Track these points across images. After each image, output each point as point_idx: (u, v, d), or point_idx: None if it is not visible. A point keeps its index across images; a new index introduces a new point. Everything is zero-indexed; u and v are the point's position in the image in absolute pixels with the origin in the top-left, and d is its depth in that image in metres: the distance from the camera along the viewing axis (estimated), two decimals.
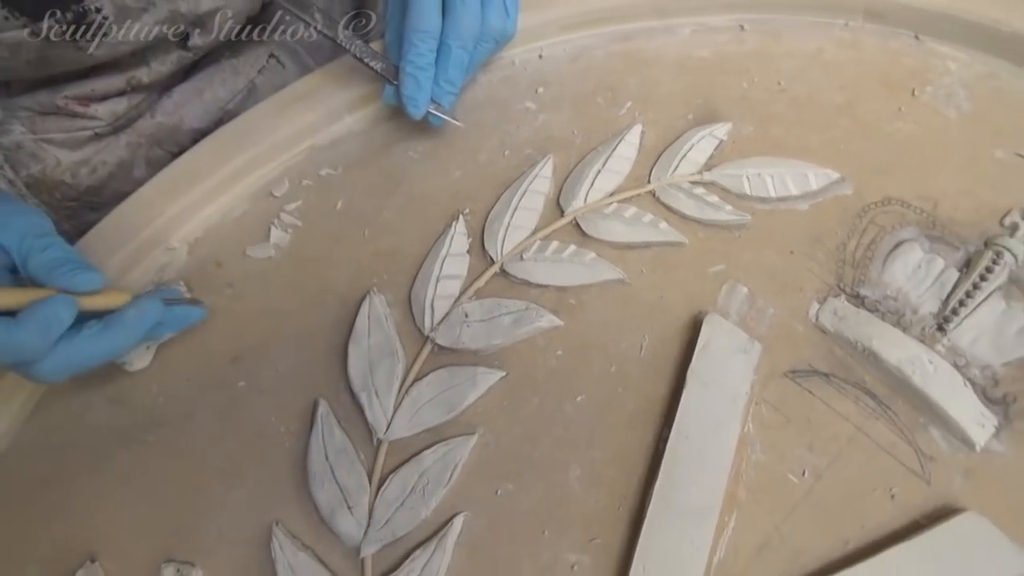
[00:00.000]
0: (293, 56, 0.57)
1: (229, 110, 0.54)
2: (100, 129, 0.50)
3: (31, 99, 0.48)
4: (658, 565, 0.37)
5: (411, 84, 0.44)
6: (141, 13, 0.43)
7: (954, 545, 0.36)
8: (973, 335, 0.41)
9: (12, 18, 0.39)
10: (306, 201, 0.48)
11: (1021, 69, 0.48)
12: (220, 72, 0.53)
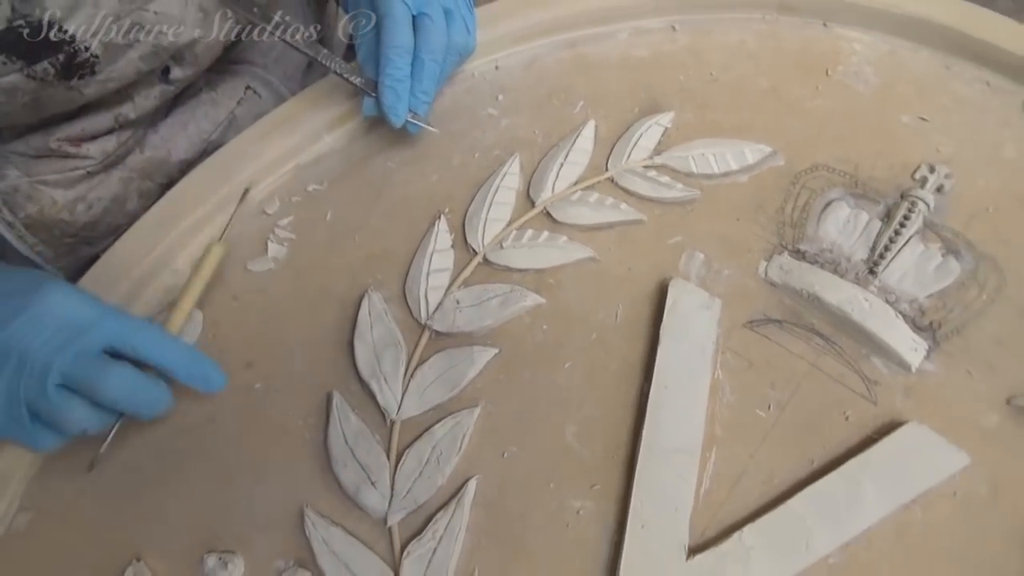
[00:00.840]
0: (268, 86, 0.60)
1: (212, 140, 0.57)
2: (92, 167, 0.53)
3: (24, 144, 0.50)
4: (653, 501, 0.42)
5: (391, 95, 0.48)
6: (127, 49, 0.46)
7: (901, 451, 0.42)
8: (899, 274, 0.47)
9: (9, 63, 0.42)
10: (297, 216, 0.52)
11: (916, 45, 0.55)
12: (201, 105, 0.57)
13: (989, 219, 0.49)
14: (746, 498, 0.42)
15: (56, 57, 0.43)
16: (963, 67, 0.54)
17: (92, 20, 0.43)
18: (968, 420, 0.43)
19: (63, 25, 0.42)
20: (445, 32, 0.49)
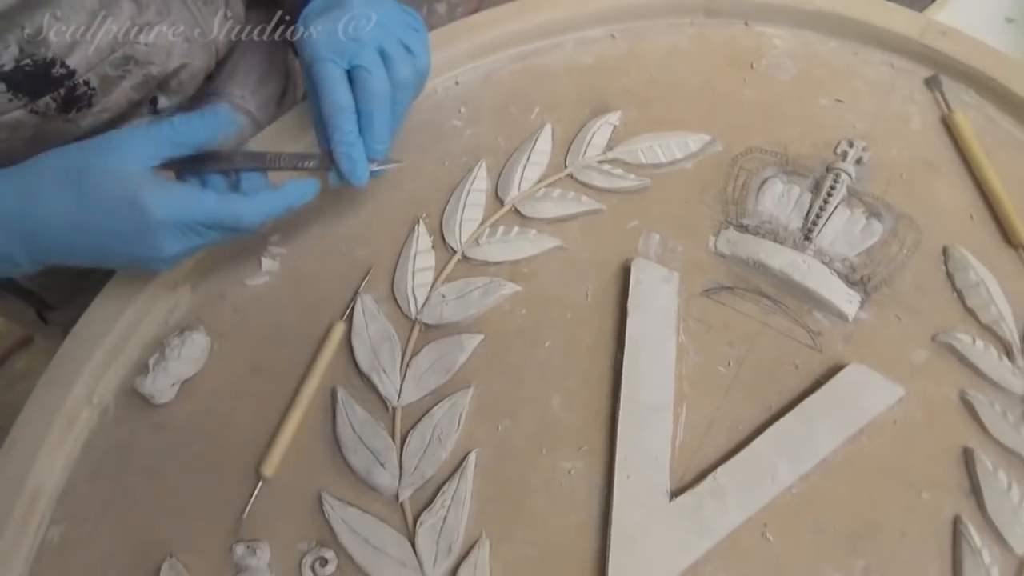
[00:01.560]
0: (246, 115, 0.63)
1: None
2: None
3: None
4: (635, 454, 0.47)
5: (347, 162, 0.48)
6: (120, 80, 0.50)
7: (846, 390, 0.48)
8: (831, 238, 0.53)
9: (15, 99, 0.45)
10: (286, 232, 0.56)
11: (826, 36, 0.62)
12: None
13: (903, 183, 0.55)
14: (716, 444, 0.48)
15: (57, 92, 0.46)
16: (869, 53, 0.61)
17: (91, 55, 0.46)
18: (900, 358, 0.49)
19: (64, 61, 0.45)
20: (385, 78, 0.48)
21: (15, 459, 0.47)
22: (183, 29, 0.52)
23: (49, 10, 0.44)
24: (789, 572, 0.44)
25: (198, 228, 0.42)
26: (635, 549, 0.44)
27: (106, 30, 0.46)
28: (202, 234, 0.43)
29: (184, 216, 0.41)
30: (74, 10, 0.44)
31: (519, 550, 0.45)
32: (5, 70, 0.43)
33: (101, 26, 0.46)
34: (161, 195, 0.41)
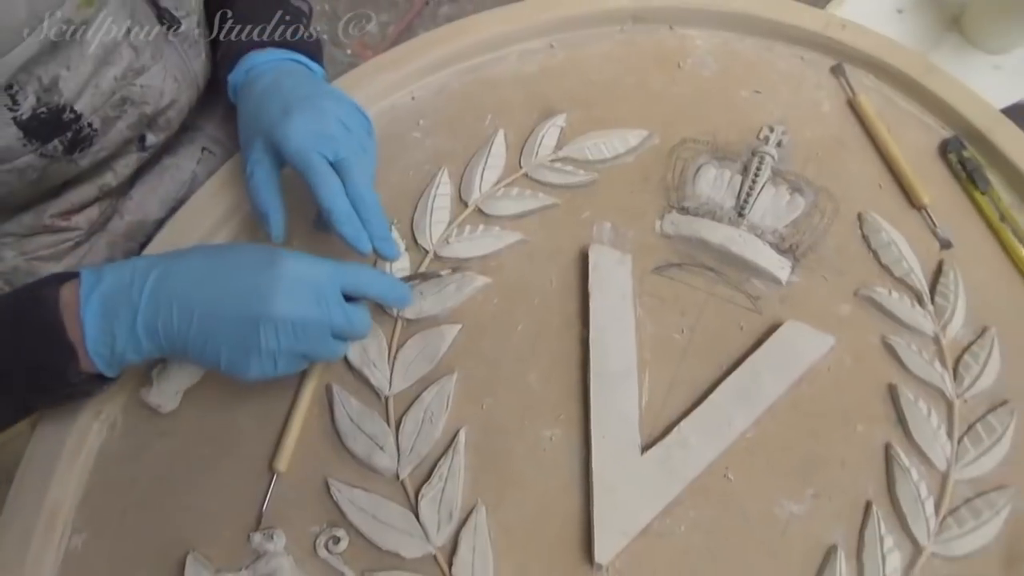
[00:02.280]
0: (220, 144, 0.67)
1: (180, 198, 0.63)
2: (80, 237, 0.59)
3: (16, 224, 0.55)
4: (607, 416, 0.52)
5: (388, 248, 0.51)
6: (116, 120, 0.53)
7: (785, 344, 0.55)
8: (761, 213, 0.60)
9: (29, 144, 0.48)
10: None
11: (742, 35, 0.69)
12: (166, 170, 0.63)
13: (819, 160, 0.63)
14: (677, 402, 0.54)
15: (65, 135, 0.49)
16: (781, 47, 0.69)
17: (95, 98, 0.50)
18: (829, 312, 0.56)
19: (73, 106, 0.49)
20: (366, 167, 0.53)
21: (33, 475, 0.50)
22: (173, 70, 0.56)
23: (62, 61, 0.47)
24: (749, 506, 0.50)
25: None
26: (615, 499, 0.50)
27: (110, 75, 0.50)
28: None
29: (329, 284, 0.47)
30: (83, 59, 0.48)
31: (512, 511, 0.50)
32: (23, 119, 0.46)
33: (106, 72, 0.50)
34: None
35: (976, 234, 0.60)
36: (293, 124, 0.50)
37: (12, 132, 0.46)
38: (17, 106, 0.45)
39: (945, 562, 0.49)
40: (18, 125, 0.46)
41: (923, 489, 0.50)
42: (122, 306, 0.44)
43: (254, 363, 0.45)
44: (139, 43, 0.51)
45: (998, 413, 0.53)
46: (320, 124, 0.51)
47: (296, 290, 0.45)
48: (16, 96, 0.45)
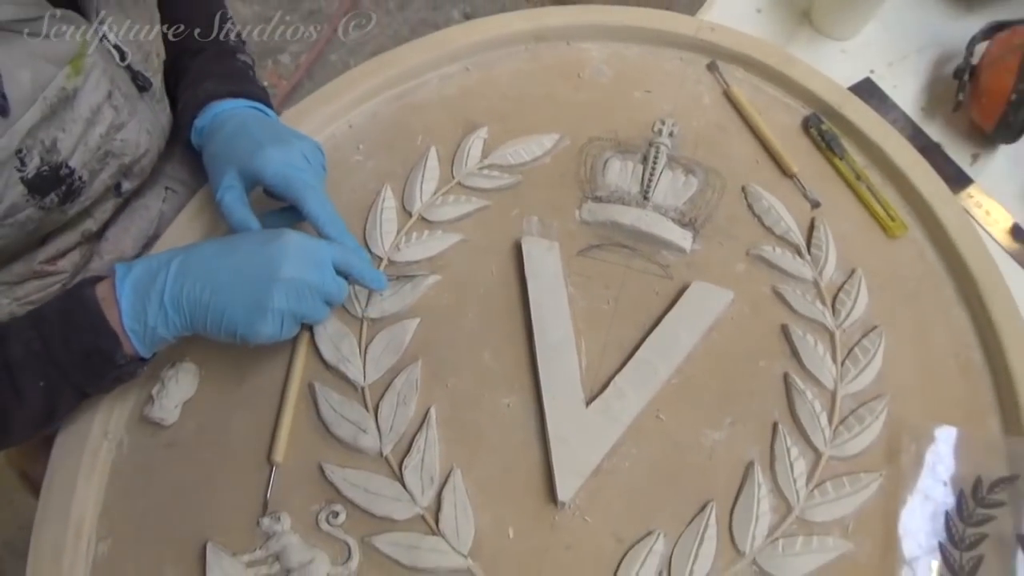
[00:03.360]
0: (182, 183, 0.72)
1: (151, 235, 0.69)
2: (65, 280, 0.64)
3: (8, 273, 0.60)
4: (554, 380, 0.61)
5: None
6: (100, 172, 0.58)
7: (694, 302, 0.64)
8: (662, 195, 0.70)
9: (32, 200, 0.53)
10: None
11: (629, 44, 0.79)
12: (136, 211, 0.68)
13: (705, 144, 0.73)
14: (611, 361, 0.63)
15: (60, 188, 0.55)
16: (663, 52, 0.79)
17: (84, 154, 0.55)
18: (727, 271, 0.67)
19: (68, 163, 0.54)
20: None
21: (56, 495, 0.56)
22: (146, 123, 0.62)
23: (59, 124, 0.53)
24: (680, 438, 0.60)
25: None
26: (569, 447, 0.58)
27: (96, 133, 0.56)
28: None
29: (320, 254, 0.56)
30: (75, 121, 0.54)
31: (484, 470, 0.58)
32: (29, 177, 0.52)
33: (93, 131, 0.56)
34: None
35: (838, 193, 0.71)
36: (268, 155, 0.59)
37: (19, 190, 0.52)
38: (24, 167, 0.51)
39: (841, 462, 0.59)
40: (24, 184, 0.52)
41: (817, 406, 0.61)
42: (151, 286, 0.52)
43: (268, 321, 0.53)
44: (118, 103, 0.57)
45: (870, 337, 0.64)
46: (289, 156, 0.60)
47: (302, 257, 0.54)
48: (24, 158, 0.51)
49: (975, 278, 0.66)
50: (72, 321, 0.52)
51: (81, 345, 0.52)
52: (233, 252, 0.55)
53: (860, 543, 0.56)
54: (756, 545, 0.56)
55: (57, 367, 0.52)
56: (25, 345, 0.51)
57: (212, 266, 0.54)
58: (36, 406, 0.52)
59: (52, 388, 0.52)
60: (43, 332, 0.52)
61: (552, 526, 0.57)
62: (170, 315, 0.53)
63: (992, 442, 0.60)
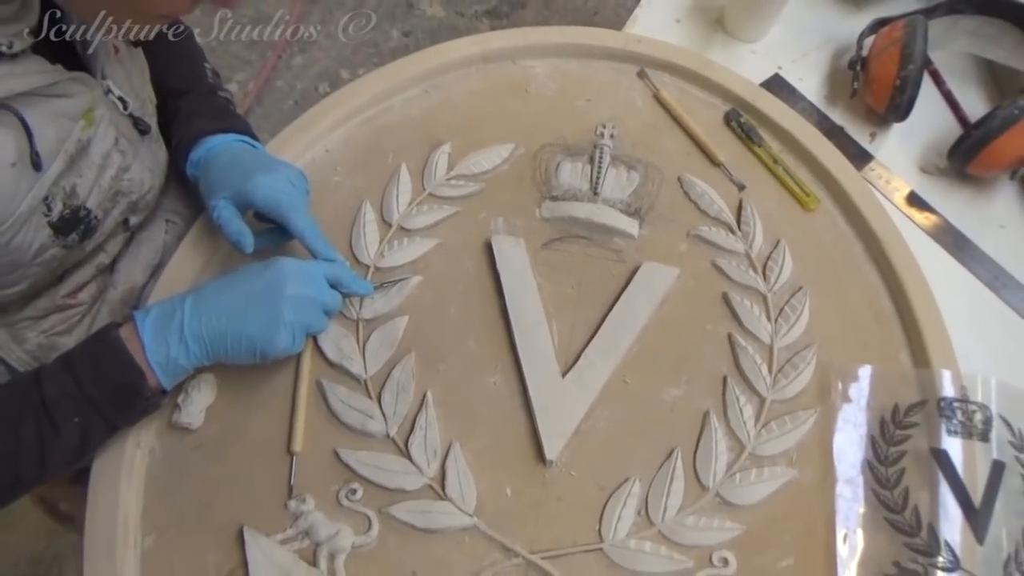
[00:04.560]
0: (179, 215, 0.78)
1: (157, 264, 0.75)
2: (84, 311, 0.69)
3: (32, 308, 0.65)
4: (532, 357, 0.69)
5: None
6: (112, 210, 0.64)
7: (645, 280, 0.73)
8: (609, 189, 0.79)
9: (56, 240, 0.59)
10: None
11: (568, 59, 0.88)
12: (142, 244, 0.74)
13: (643, 142, 0.82)
14: (579, 337, 0.71)
15: (79, 228, 0.61)
16: (598, 64, 0.88)
17: (98, 196, 0.61)
18: (672, 251, 0.76)
19: (85, 204, 0.60)
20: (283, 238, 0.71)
21: (102, 500, 0.62)
22: (148, 163, 0.68)
23: (76, 171, 0.59)
24: (644, 398, 0.69)
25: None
26: (551, 413, 0.67)
27: (107, 176, 0.62)
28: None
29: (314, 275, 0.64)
30: (89, 168, 0.60)
31: (479, 441, 0.66)
32: (54, 221, 0.58)
33: (105, 174, 0.62)
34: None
35: (759, 176, 0.81)
36: (258, 182, 0.66)
37: (46, 233, 0.57)
38: (50, 212, 0.57)
39: (782, 404, 0.69)
40: (50, 226, 0.58)
41: (758, 359, 0.70)
42: (169, 323, 0.59)
43: (283, 335, 0.60)
44: (124, 147, 0.63)
45: (796, 296, 0.74)
46: (277, 182, 0.67)
47: (299, 276, 0.62)
48: (50, 204, 0.57)
49: (880, 239, 0.76)
50: (101, 361, 0.58)
51: (111, 382, 0.57)
52: (238, 283, 0.61)
53: (803, 469, 0.66)
54: (717, 480, 0.65)
55: (90, 403, 0.57)
56: (60, 387, 0.56)
57: (223, 298, 0.60)
58: (72, 440, 0.57)
59: (86, 423, 0.57)
60: (75, 373, 0.57)
61: (543, 482, 0.65)
62: (191, 347, 0.59)
63: (904, 375, 0.71)
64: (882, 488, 0.65)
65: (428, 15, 2.30)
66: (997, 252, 0.82)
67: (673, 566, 0.62)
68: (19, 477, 0.57)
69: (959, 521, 0.64)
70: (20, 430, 0.55)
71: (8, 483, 0.57)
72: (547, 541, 0.62)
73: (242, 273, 0.62)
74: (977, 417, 0.68)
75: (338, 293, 0.66)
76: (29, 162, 0.54)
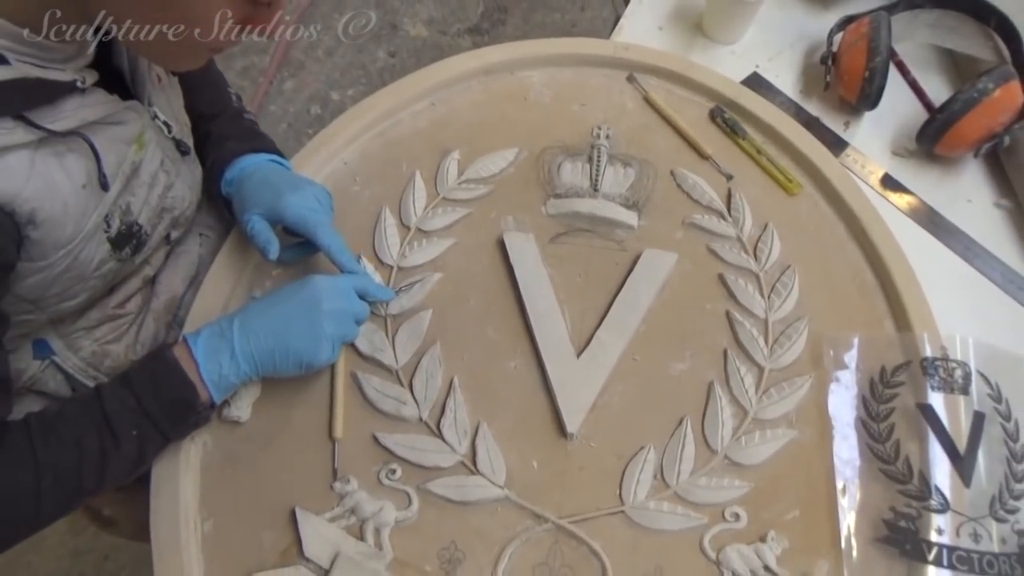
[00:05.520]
0: (212, 228, 0.83)
1: (194, 274, 0.79)
2: (131, 320, 0.74)
3: (85, 320, 0.70)
4: (548, 342, 0.74)
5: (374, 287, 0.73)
6: (158, 225, 0.69)
7: (648, 266, 0.79)
8: (609, 185, 0.85)
9: (114, 254, 0.64)
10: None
11: (562, 68, 0.94)
12: (180, 256, 0.78)
13: (636, 141, 0.88)
14: (590, 321, 0.76)
15: (132, 242, 0.66)
16: (590, 71, 0.94)
17: (148, 212, 0.66)
18: (669, 239, 0.81)
19: (137, 220, 0.65)
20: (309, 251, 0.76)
21: (164, 491, 0.66)
22: (188, 181, 0.73)
23: (130, 190, 0.64)
24: (652, 373, 0.74)
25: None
26: (569, 391, 0.72)
27: (155, 194, 0.67)
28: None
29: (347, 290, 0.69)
30: (140, 187, 0.65)
31: (503, 421, 0.71)
32: (112, 236, 0.63)
33: (153, 192, 0.67)
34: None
35: (745, 166, 0.87)
36: (288, 200, 0.71)
37: (106, 248, 0.63)
38: (109, 228, 0.62)
39: (779, 371, 0.74)
40: (109, 242, 0.63)
41: (755, 332, 0.76)
42: (221, 343, 0.63)
43: (325, 347, 0.65)
44: (168, 167, 0.68)
45: (786, 274, 0.80)
46: (305, 200, 0.72)
47: (333, 292, 0.67)
48: (109, 221, 0.62)
49: (859, 218, 0.82)
50: (158, 377, 0.62)
51: (168, 395, 0.62)
52: (279, 303, 0.66)
53: (802, 430, 0.72)
54: (725, 443, 0.71)
55: (148, 416, 0.61)
56: (120, 401, 0.61)
57: (267, 318, 0.65)
58: (130, 452, 0.61)
59: (143, 435, 0.62)
60: (134, 390, 0.61)
61: (566, 454, 0.70)
62: (241, 365, 0.64)
63: (889, 339, 0.77)
64: (875, 442, 0.71)
65: (412, 35, 2.37)
66: (967, 224, 0.88)
67: (690, 523, 0.67)
68: (80, 487, 0.60)
69: (947, 467, 0.69)
70: (83, 441, 0.59)
71: (70, 492, 0.60)
72: (573, 507, 0.68)
73: (281, 294, 0.67)
74: (957, 373, 0.73)
75: (366, 303, 0.71)
76: (97, 183, 0.59)
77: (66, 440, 0.59)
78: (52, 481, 0.58)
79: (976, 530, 0.67)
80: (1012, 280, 0.85)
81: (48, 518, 0.60)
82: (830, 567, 0.66)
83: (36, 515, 0.58)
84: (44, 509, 0.58)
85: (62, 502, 0.60)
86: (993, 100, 0.84)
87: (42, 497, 0.58)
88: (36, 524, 0.59)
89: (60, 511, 0.61)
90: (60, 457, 0.59)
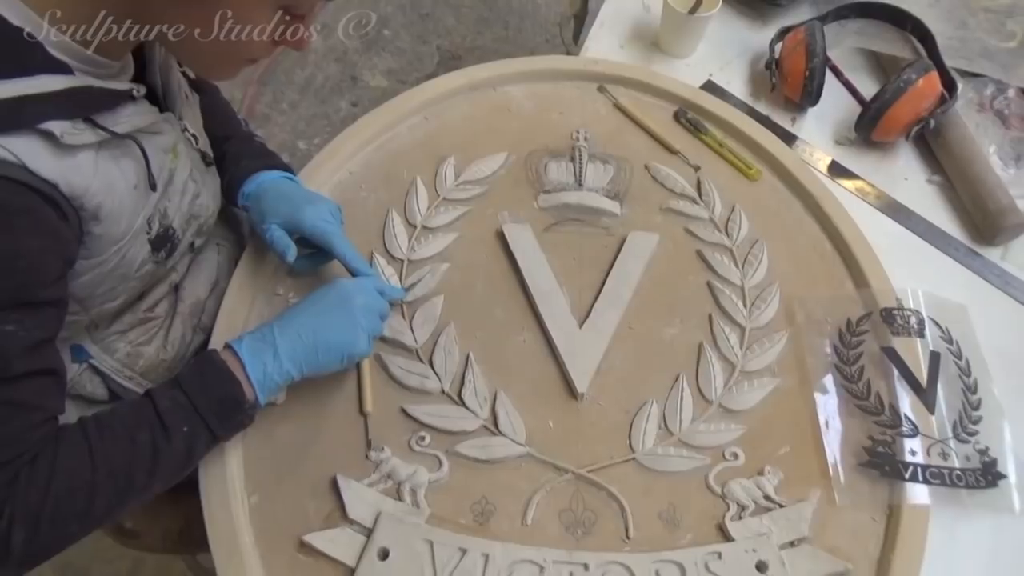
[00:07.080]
0: (227, 238, 0.87)
1: (214, 280, 0.84)
2: (160, 323, 0.77)
3: (119, 323, 0.73)
4: (553, 316, 0.81)
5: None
6: (187, 231, 0.73)
7: (633, 247, 0.87)
8: (592, 180, 0.93)
9: (153, 256, 0.68)
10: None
11: (540, 82, 1.03)
12: (200, 263, 0.82)
13: (612, 142, 0.97)
14: (587, 297, 0.83)
15: (167, 245, 0.70)
16: (565, 83, 1.03)
17: (180, 218, 0.71)
18: (650, 222, 0.90)
19: (172, 225, 0.70)
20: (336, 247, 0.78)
21: (212, 471, 0.70)
22: (212, 190, 0.78)
23: (166, 197, 0.68)
24: (647, 337, 0.81)
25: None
26: (575, 356, 0.78)
27: (186, 201, 0.72)
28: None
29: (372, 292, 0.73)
30: (174, 193, 0.69)
31: (518, 388, 0.77)
32: (152, 238, 0.67)
33: (184, 199, 0.71)
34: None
35: (710, 158, 0.96)
36: (307, 212, 0.77)
37: (146, 249, 0.67)
38: (150, 230, 0.67)
39: (759, 330, 0.82)
40: (149, 243, 0.67)
41: (734, 298, 0.84)
42: (264, 346, 0.67)
43: (362, 339, 0.70)
44: (196, 177, 0.74)
45: (756, 247, 0.88)
46: (320, 213, 0.78)
47: (360, 291, 0.72)
48: (151, 223, 0.66)
49: (814, 196, 0.91)
50: (207, 377, 0.66)
51: (216, 394, 0.65)
52: (314, 303, 0.71)
53: (785, 377, 0.79)
54: (718, 394, 0.78)
55: (197, 413, 0.64)
56: (172, 399, 0.64)
57: (304, 317, 0.69)
58: (180, 448, 0.64)
59: (193, 432, 0.64)
60: (185, 388, 0.64)
61: (578, 413, 0.76)
62: (285, 366, 0.67)
63: (851, 296, 0.85)
64: (849, 382, 0.79)
65: (372, 85, 2.46)
66: (905, 199, 0.99)
67: (695, 464, 0.73)
68: (132, 483, 0.61)
69: (912, 399, 0.78)
70: (137, 437, 0.61)
71: (123, 488, 0.61)
72: (589, 458, 0.73)
73: (312, 297, 0.72)
74: (912, 320, 0.82)
75: (386, 301, 0.76)
76: (146, 184, 0.64)
77: (120, 435, 0.61)
78: (106, 475, 0.59)
79: (944, 450, 0.75)
80: (949, 243, 0.95)
81: (99, 515, 0.60)
82: (822, 492, 0.73)
83: (89, 511, 0.59)
84: (97, 503, 0.59)
85: (114, 500, 0.60)
86: (917, 89, 0.96)
87: (96, 491, 0.59)
88: (87, 522, 0.60)
89: (112, 509, 0.61)
90: (114, 451, 0.60)
